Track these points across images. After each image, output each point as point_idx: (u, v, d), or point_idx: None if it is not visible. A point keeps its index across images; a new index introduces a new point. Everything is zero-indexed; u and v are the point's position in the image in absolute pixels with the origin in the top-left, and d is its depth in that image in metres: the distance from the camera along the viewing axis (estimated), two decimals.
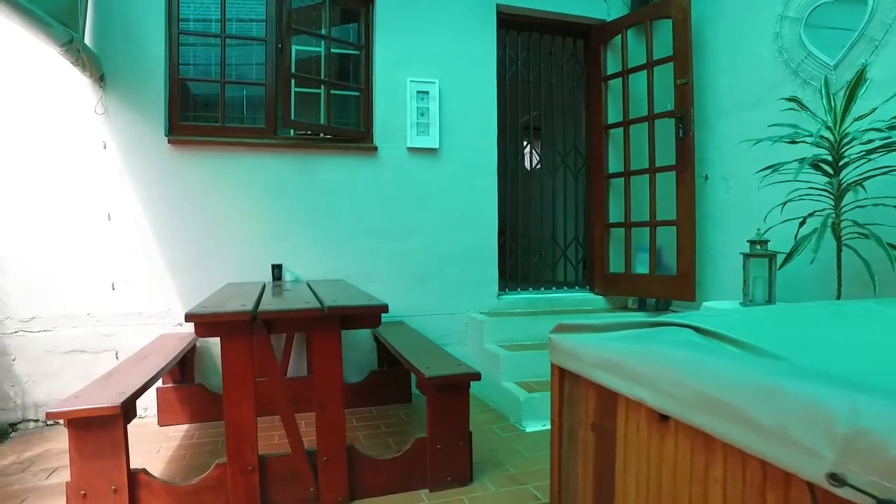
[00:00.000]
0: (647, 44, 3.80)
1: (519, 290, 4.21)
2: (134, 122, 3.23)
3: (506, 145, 4.17)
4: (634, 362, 1.48)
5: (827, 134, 2.39)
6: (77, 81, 3.13)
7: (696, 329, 1.56)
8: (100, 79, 3.17)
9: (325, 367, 2.18)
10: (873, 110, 2.42)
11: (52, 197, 3.12)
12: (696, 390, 1.24)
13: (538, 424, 3.06)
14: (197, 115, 3.85)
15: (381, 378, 3.47)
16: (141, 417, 3.21)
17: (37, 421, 3.12)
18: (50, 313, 3.13)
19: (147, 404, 3.21)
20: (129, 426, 1.98)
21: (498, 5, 3.89)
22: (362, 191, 3.62)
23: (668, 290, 3.75)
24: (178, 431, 3.04)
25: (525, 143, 5.82)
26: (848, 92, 2.35)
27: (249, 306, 2.08)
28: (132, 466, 1.99)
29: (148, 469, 2.04)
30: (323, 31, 3.52)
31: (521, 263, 4.29)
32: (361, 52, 3.71)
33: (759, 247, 2.91)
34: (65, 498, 1.92)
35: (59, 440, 2.88)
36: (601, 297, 4.22)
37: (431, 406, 2.31)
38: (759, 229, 2.93)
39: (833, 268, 2.60)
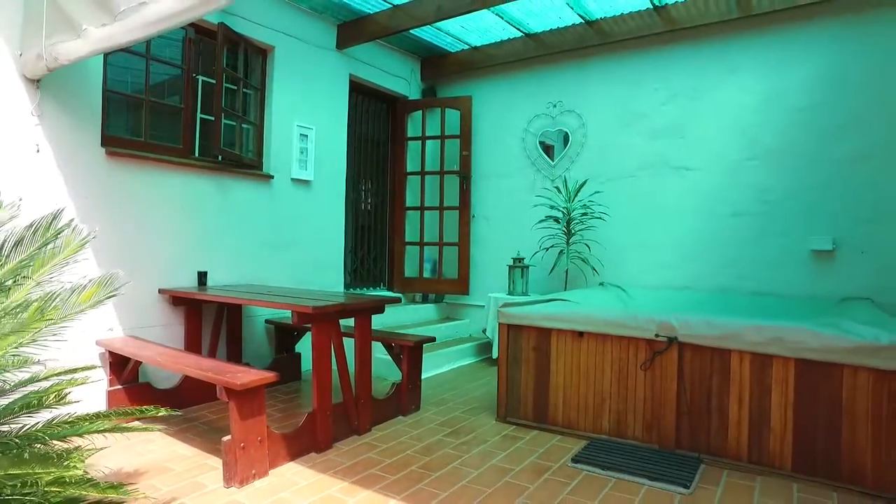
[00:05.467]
0: (441, 122, 5.71)
1: (346, 290, 5.47)
2: (71, 128, 3.22)
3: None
4: (565, 314, 3.32)
5: (567, 206, 4.79)
6: (13, 80, 2.99)
7: (567, 301, 3.53)
8: (37, 81, 3.08)
9: (363, 341, 3.26)
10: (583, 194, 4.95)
11: None
12: (598, 319, 3.18)
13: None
14: (116, 126, 3.76)
15: (284, 362, 4.29)
16: None
17: None
18: None
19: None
20: None
21: (350, 75, 5.15)
22: (261, 211, 4.33)
23: (452, 288, 5.72)
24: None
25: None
26: (577, 186, 4.80)
27: (333, 301, 3.02)
28: None
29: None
30: (241, 75, 4.12)
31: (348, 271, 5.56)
32: (258, 92, 4.40)
33: (518, 262, 5.15)
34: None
35: None
36: (400, 294, 5.88)
37: (408, 359, 3.62)
38: (518, 251, 5.19)
39: (558, 274, 5.04)
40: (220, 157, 4.05)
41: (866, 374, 2.54)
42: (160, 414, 2.13)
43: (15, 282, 1.78)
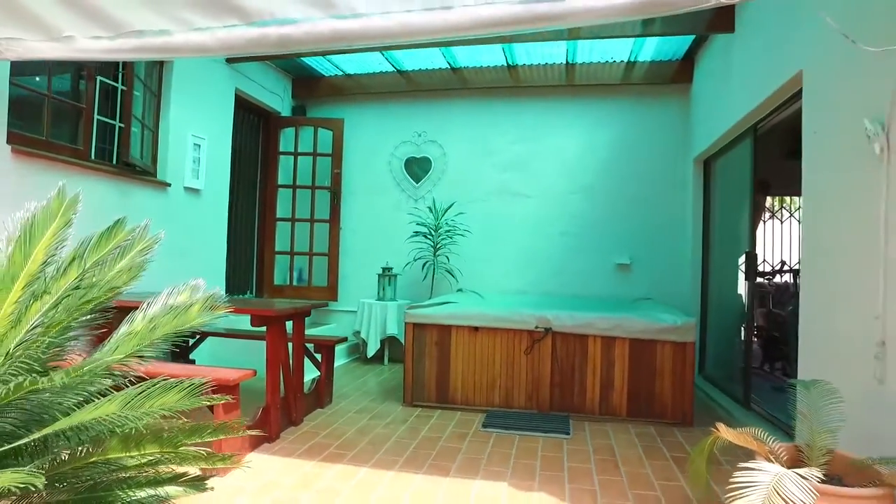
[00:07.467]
0: (314, 141, 6.08)
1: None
2: None
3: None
4: (464, 313, 4.14)
5: (436, 223, 5.62)
6: None
7: (454, 303, 4.37)
8: None
9: (300, 341, 3.61)
10: (453, 214, 5.82)
11: None
12: (491, 316, 4.08)
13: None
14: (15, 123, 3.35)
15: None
16: None
17: None
18: None
19: None
20: None
21: (237, 88, 5.25)
22: (159, 218, 4.15)
23: (321, 295, 6.10)
24: None
25: None
26: (445, 208, 5.66)
27: (284, 308, 3.34)
28: None
29: None
30: (146, 81, 4.05)
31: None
32: (154, 98, 4.32)
33: (387, 271, 5.82)
34: None
35: None
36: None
37: (325, 358, 4.03)
38: (387, 262, 5.85)
39: (426, 282, 5.85)
40: (116, 161, 3.94)
41: (669, 346, 3.85)
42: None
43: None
